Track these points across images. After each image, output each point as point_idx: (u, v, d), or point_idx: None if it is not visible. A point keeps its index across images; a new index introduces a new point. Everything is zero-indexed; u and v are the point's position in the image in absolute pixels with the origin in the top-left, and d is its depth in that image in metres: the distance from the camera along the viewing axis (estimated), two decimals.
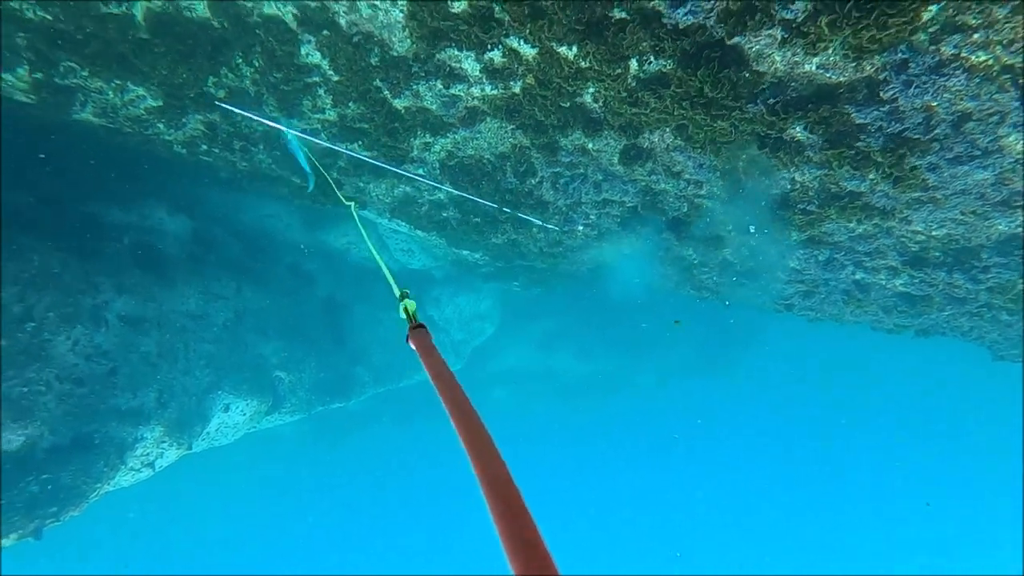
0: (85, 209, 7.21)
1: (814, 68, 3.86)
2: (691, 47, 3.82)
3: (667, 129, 5.49)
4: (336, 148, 6.37)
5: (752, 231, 6.35)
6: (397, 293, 2.07)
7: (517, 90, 5.33)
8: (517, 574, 0.80)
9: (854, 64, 3.65)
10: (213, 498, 25.52)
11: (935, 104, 3.67)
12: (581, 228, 8.73)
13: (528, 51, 4.59)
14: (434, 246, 11.83)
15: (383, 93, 5.80)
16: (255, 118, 5.95)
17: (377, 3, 4.60)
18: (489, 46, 4.62)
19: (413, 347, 1.64)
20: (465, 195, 7.20)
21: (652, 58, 4.23)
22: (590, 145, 6.31)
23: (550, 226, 7.85)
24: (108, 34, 5.08)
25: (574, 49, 4.33)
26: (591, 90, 4.99)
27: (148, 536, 26.15)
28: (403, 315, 1.87)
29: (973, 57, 3.22)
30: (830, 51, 3.54)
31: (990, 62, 3.23)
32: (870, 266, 7.43)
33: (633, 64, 4.40)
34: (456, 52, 4.96)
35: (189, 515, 26.29)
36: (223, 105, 5.75)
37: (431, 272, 16.24)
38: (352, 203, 5.04)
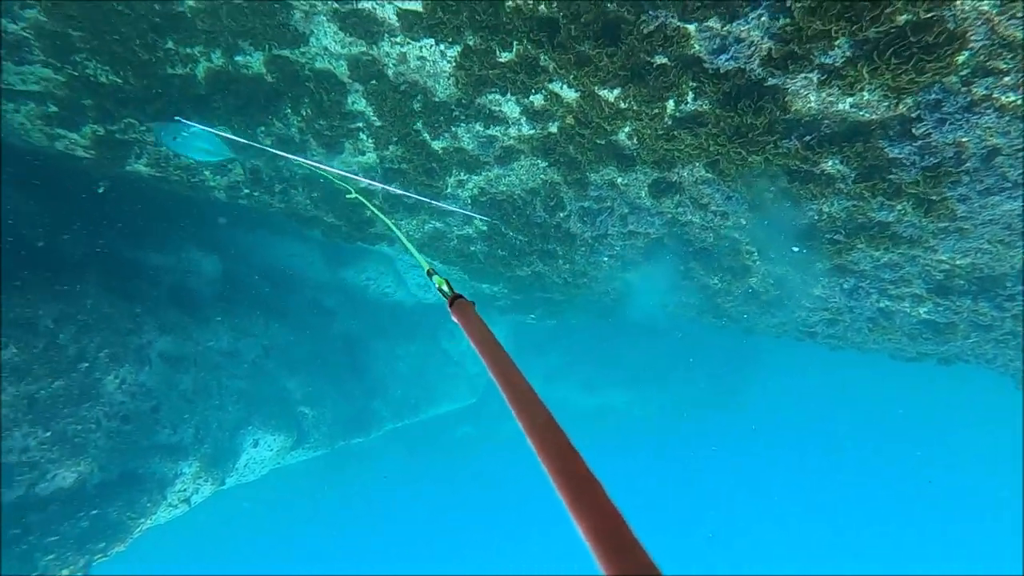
0: (130, 254, 7.46)
1: (848, 107, 4.09)
2: (731, 89, 4.06)
3: (698, 164, 5.72)
4: (319, 169, 6.35)
5: (796, 250, 6.51)
6: (426, 267, 2.04)
7: (554, 130, 5.59)
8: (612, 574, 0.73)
9: (886, 104, 3.87)
10: (232, 532, 25.22)
11: (966, 140, 3.88)
12: (606, 259, 8.93)
13: (570, 94, 4.86)
14: (454, 281, 12.02)
15: (423, 136, 6.08)
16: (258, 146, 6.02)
17: (426, 56, 4.89)
18: (533, 90, 4.89)
19: (456, 319, 1.60)
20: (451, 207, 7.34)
21: (690, 97, 4.48)
22: (619, 180, 6.54)
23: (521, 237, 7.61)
24: (171, 93, 5.39)
25: (616, 92, 4.59)
26: (627, 129, 5.25)
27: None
28: (439, 291, 1.84)
29: (1003, 98, 3.44)
30: (866, 93, 3.77)
31: (1019, 102, 3.45)
32: (895, 294, 7.57)
33: (670, 104, 4.65)
34: (498, 96, 5.24)
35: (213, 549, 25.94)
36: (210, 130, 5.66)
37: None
38: (353, 194, 5.17)
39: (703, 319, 11.33)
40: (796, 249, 6.46)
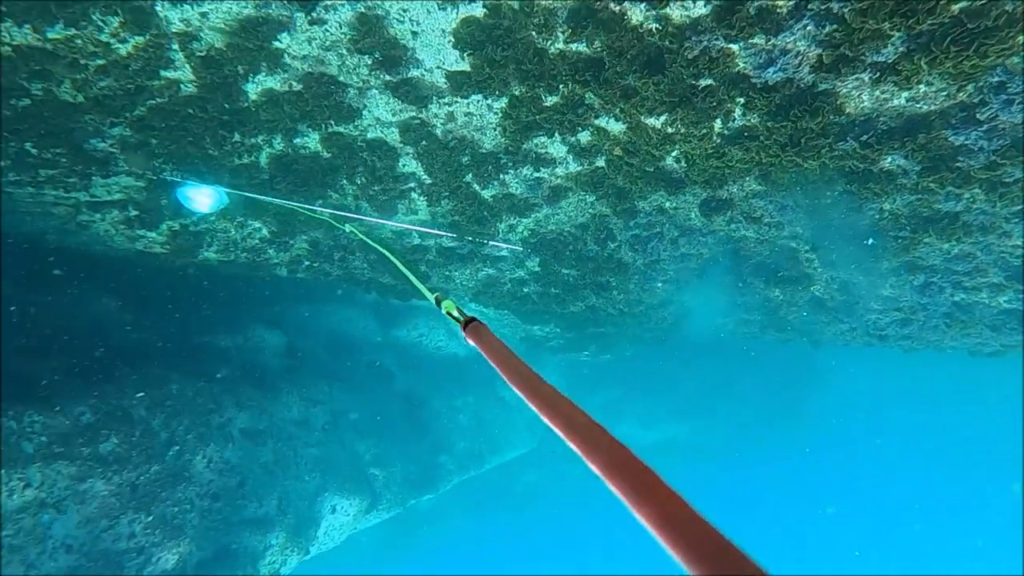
0: (204, 338, 7.82)
1: (903, 102, 4.06)
2: (782, 100, 4.09)
3: (749, 177, 5.72)
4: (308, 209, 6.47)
5: (870, 242, 6.36)
6: (432, 299, 2.02)
7: (601, 163, 5.70)
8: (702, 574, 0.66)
9: (946, 94, 3.84)
10: None
11: None
12: (660, 284, 8.87)
13: (616, 127, 4.98)
14: (505, 325, 12.10)
15: (472, 187, 6.28)
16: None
17: (473, 111, 5.12)
18: (579, 128, 5.04)
19: (471, 342, 1.58)
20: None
21: (738, 113, 4.53)
22: (668, 204, 6.57)
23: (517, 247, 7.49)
24: (238, 182, 5.76)
25: (662, 118, 4.68)
26: (675, 152, 5.31)
27: None
28: (450, 317, 1.84)
29: None
30: (922, 85, 3.75)
31: None
32: (970, 285, 7.24)
33: (718, 123, 4.71)
34: (544, 139, 5.40)
35: None
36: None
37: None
38: (349, 228, 5.28)
39: (766, 335, 11.02)
40: (870, 241, 6.30)
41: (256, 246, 7.05)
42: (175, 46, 4.26)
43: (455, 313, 1.81)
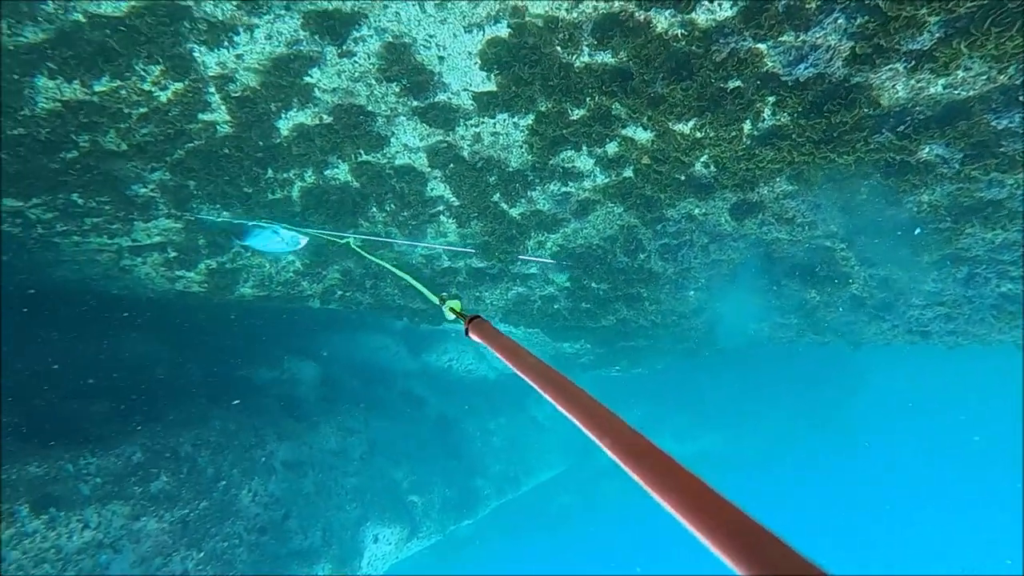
0: (243, 372, 7.92)
1: (940, 89, 3.99)
2: (814, 96, 4.05)
3: (780, 178, 5.65)
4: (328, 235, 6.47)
5: (918, 231, 6.21)
6: (436, 301, 2.02)
7: (629, 174, 5.69)
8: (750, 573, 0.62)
9: (985, 78, 3.76)
10: None
11: None
12: (692, 293, 8.76)
13: (644, 136, 4.97)
14: (534, 344, 12.04)
15: (501, 206, 6.31)
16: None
17: (499, 130, 5.17)
18: (607, 139, 5.05)
19: (475, 339, 1.61)
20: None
21: (767, 113, 4.50)
22: (697, 211, 6.52)
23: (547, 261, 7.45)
24: (274, 215, 5.88)
25: (691, 123, 4.66)
26: (703, 157, 5.28)
27: None
28: (452, 316, 1.84)
29: None
30: (960, 71, 3.68)
31: None
32: (1017, 275, 7.01)
33: (747, 124, 4.68)
34: (572, 153, 5.42)
35: None
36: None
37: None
38: (349, 240, 5.29)
39: (803, 338, 10.77)
40: (918, 231, 6.15)
41: (290, 279, 7.15)
42: (212, 89, 4.40)
43: (458, 311, 1.82)
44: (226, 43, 4.02)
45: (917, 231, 6.11)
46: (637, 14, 3.67)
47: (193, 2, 3.69)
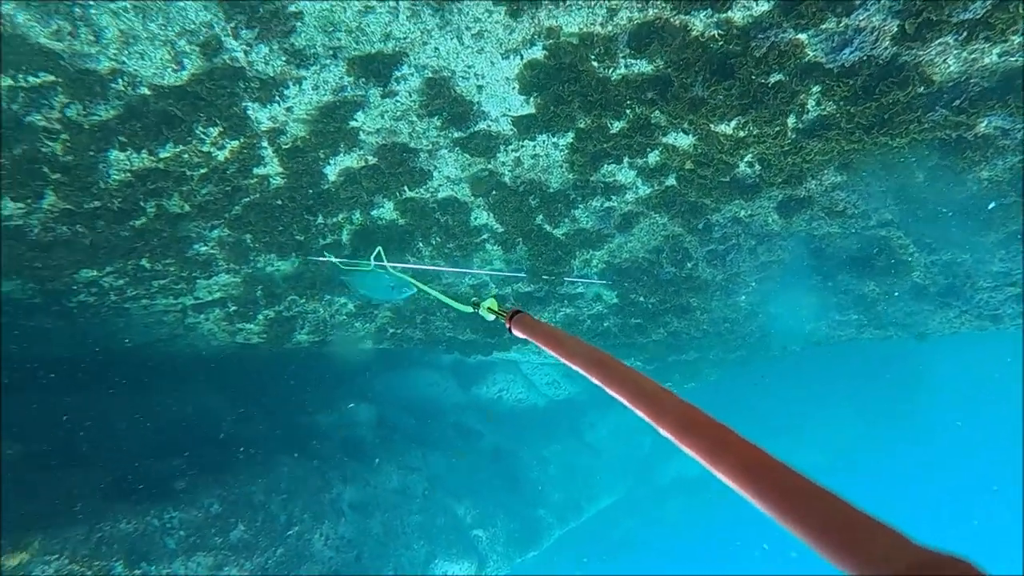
0: (305, 418, 8.06)
1: (995, 58, 3.87)
2: (864, 81, 3.98)
3: (829, 169, 5.52)
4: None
5: (992, 206, 5.95)
6: (469, 309, 1.96)
7: (672, 182, 5.66)
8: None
9: None
10: None
11: None
12: (744, 298, 8.56)
13: (685, 141, 4.95)
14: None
15: (544, 228, 6.34)
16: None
17: (539, 152, 5.23)
18: (648, 149, 5.04)
19: (518, 335, 1.55)
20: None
21: (811, 103, 4.43)
22: (743, 213, 6.41)
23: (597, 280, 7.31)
24: (323, 266, 6.05)
25: (733, 123, 4.62)
26: (748, 156, 5.21)
27: None
28: (492, 316, 1.77)
29: None
30: (1016, 36, 3.57)
31: None
32: None
33: (791, 118, 4.61)
34: (613, 167, 5.43)
35: None
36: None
37: (578, 398, 16.29)
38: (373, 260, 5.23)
39: (864, 335, 10.35)
40: (992, 205, 5.91)
41: (343, 321, 7.29)
42: (264, 143, 4.60)
43: (498, 309, 1.77)
44: (277, 98, 4.21)
45: (992, 205, 5.86)
46: (673, 19, 3.70)
47: (246, 63, 3.89)
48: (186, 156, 4.37)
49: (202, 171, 4.59)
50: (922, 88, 4.03)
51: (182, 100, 3.96)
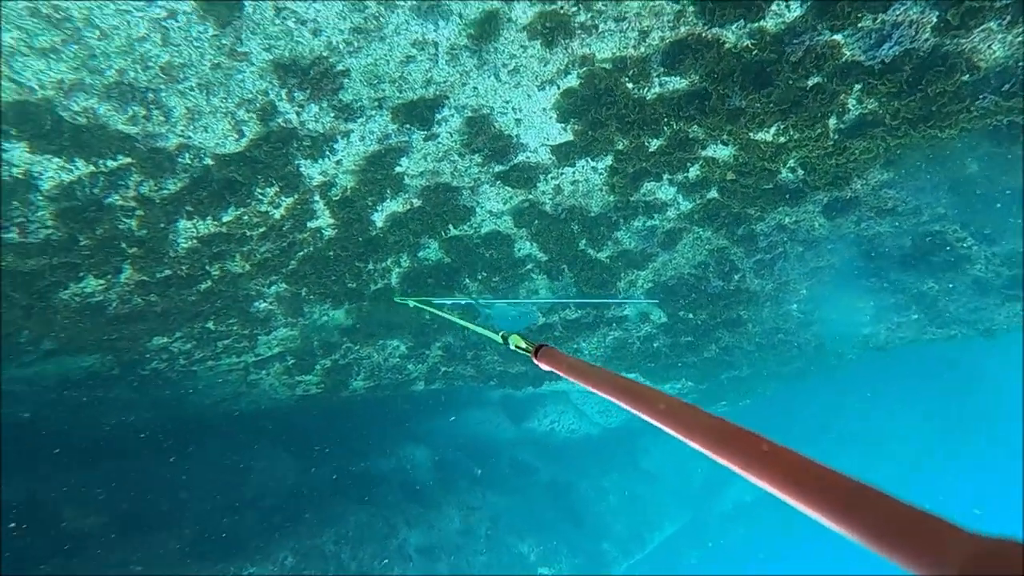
0: (364, 465, 8.11)
1: None
2: (908, 75, 3.94)
3: (875, 168, 5.43)
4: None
5: None
6: (499, 339, 2.04)
7: (714, 194, 5.64)
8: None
9: None
10: None
11: None
12: (795, 306, 8.35)
13: (725, 152, 4.95)
14: None
15: (588, 252, 6.36)
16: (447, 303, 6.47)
17: (579, 178, 5.30)
18: (688, 164, 5.06)
19: (545, 367, 1.61)
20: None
21: (852, 103, 4.39)
22: (787, 220, 6.32)
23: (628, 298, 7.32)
24: (377, 307, 6.18)
25: (772, 129, 4.61)
26: (790, 162, 5.17)
27: None
28: (520, 349, 1.84)
29: None
30: None
31: None
32: None
33: (832, 120, 4.58)
34: (653, 185, 5.45)
35: None
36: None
37: (630, 426, 15.94)
38: (407, 300, 5.36)
39: (925, 335, 9.91)
40: None
41: (397, 364, 7.38)
42: (317, 197, 4.80)
43: (523, 344, 1.83)
44: (327, 152, 4.41)
45: None
46: (705, 34, 3.77)
47: (298, 123, 4.10)
48: (246, 217, 4.58)
49: (261, 230, 4.79)
50: (968, 76, 3.96)
51: (242, 165, 4.18)
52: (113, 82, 3.31)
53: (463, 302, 6.15)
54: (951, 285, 7.94)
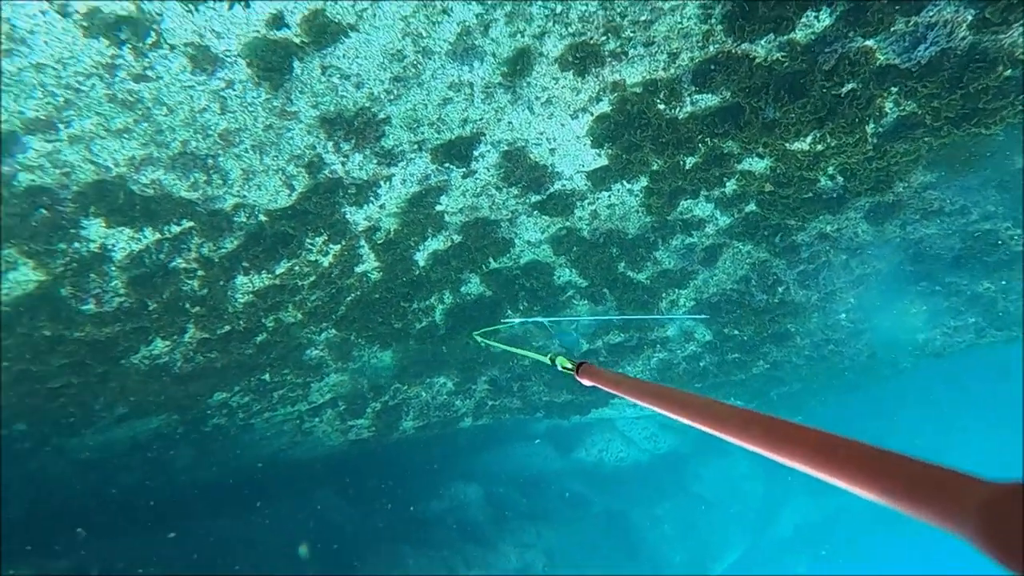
0: (417, 507, 8.09)
1: None
2: (942, 76, 3.91)
3: (917, 170, 5.33)
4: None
5: None
6: (547, 361, 2.12)
7: (752, 207, 5.60)
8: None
9: None
10: None
11: None
12: (844, 315, 8.12)
13: (761, 165, 4.94)
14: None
15: (628, 274, 6.35)
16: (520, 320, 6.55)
17: (615, 201, 5.34)
18: (725, 179, 5.05)
19: (587, 383, 1.67)
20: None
21: (888, 106, 4.36)
22: (828, 228, 6.22)
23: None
24: (423, 346, 6.27)
25: (808, 139, 4.59)
26: (830, 169, 5.12)
27: None
28: (565, 369, 1.92)
29: None
30: None
31: None
32: None
33: (870, 125, 4.54)
34: (689, 202, 5.45)
35: None
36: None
37: (679, 450, 15.52)
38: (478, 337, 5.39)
39: (984, 338, 9.49)
40: None
41: (445, 401, 7.41)
42: (362, 242, 4.94)
43: (568, 364, 1.93)
44: (371, 197, 4.55)
45: None
46: (735, 50, 3.81)
47: (343, 172, 4.27)
48: (297, 268, 4.74)
49: (311, 279, 4.94)
50: (1010, 71, 3.91)
51: (292, 218, 4.35)
52: (177, 153, 3.52)
53: (530, 320, 6.26)
54: (1005, 283, 7.64)
